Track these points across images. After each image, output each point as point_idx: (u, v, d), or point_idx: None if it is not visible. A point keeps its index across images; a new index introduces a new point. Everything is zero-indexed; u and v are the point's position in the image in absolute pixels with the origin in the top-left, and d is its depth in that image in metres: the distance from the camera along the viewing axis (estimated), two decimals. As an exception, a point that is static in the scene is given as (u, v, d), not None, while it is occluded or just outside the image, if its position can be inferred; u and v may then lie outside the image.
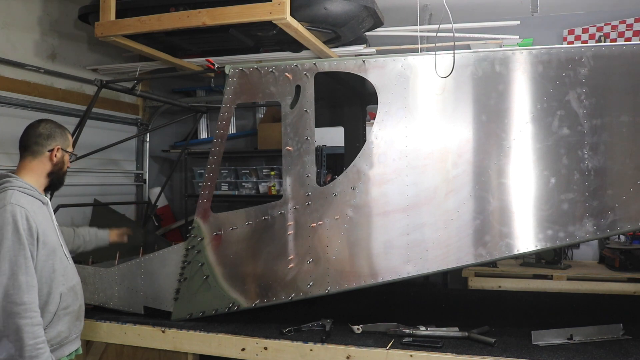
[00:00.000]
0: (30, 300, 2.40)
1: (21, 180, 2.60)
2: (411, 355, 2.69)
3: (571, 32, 4.98)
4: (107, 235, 3.42)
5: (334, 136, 4.81)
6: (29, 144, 2.68)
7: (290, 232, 3.02)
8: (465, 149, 2.82)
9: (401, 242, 2.86)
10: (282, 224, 3.03)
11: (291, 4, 3.54)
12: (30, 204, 2.53)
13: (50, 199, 2.79)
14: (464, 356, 2.63)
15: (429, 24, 4.77)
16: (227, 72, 3.14)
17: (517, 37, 4.46)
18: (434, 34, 3.47)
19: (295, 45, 4.30)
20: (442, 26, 3.12)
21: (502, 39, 4.44)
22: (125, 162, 5.93)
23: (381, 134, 2.92)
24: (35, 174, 2.67)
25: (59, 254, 2.63)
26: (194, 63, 4.84)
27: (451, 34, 2.96)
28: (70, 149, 2.80)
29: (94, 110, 4.09)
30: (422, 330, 2.92)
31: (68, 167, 2.81)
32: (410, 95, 2.90)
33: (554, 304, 3.77)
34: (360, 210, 2.93)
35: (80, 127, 3.76)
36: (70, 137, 2.82)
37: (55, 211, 2.79)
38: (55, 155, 2.70)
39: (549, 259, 4.66)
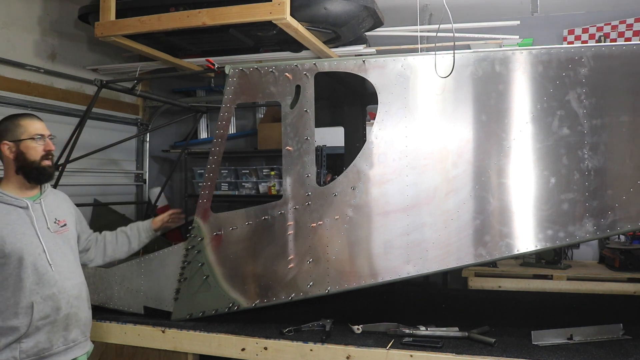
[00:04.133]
0: None
1: None
2: (411, 355, 2.69)
3: (571, 32, 4.98)
4: (149, 225, 3.24)
5: (334, 136, 4.81)
6: None
7: (290, 232, 3.02)
8: (465, 149, 2.82)
9: (401, 242, 2.86)
10: (282, 224, 3.03)
11: (291, 4, 3.54)
12: None
13: (42, 191, 2.68)
14: (464, 356, 2.63)
15: (429, 24, 4.77)
16: (227, 72, 3.14)
17: (517, 37, 4.47)
18: (434, 34, 3.47)
19: (295, 45, 4.30)
20: (442, 26, 3.11)
21: (502, 39, 4.44)
22: (125, 162, 5.93)
23: (381, 134, 2.92)
24: (6, 176, 2.58)
25: (31, 261, 2.49)
26: (194, 63, 4.84)
27: (451, 34, 2.96)
28: (26, 135, 2.56)
29: (94, 110, 4.09)
30: (422, 330, 2.91)
31: (49, 150, 2.63)
32: (410, 95, 2.90)
33: (554, 304, 3.77)
34: (360, 210, 2.93)
35: (80, 127, 3.76)
36: (25, 122, 2.60)
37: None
38: (11, 150, 2.55)
39: (549, 259, 4.66)
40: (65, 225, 2.73)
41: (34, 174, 2.60)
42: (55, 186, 3.43)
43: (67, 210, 2.84)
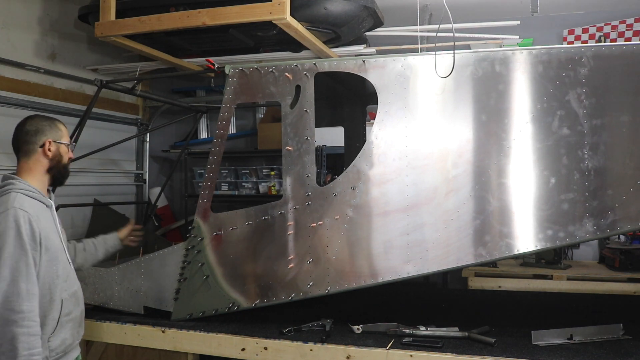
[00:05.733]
0: (30, 308, 2.31)
1: (25, 182, 2.51)
2: (411, 355, 2.69)
3: (571, 32, 4.98)
4: (116, 236, 3.23)
5: (334, 136, 4.81)
6: (19, 144, 2.59)
7: (290, 232, 3.02)
8: (465, 149, 2.83)
9: (401, 242, 2.86)
10: (282, 224, 3.03)
11: (291, 4, 3.54)
12: (34, 208, 2.45)
13: (53, 193, 2.73)
14: (464, 356, 2.63)
15: (429, 24, 4.77)
16: (227, 72, 3.15)
17: (517, 37, 4.46)
18: (434, 34, 3.46)
19: (295, 45, 4.29)
20: (442, 26, 3.11)
21: (502, 39, 4.44)
22: (125, 162, 5.93)
23: (381, 134, 2.92)
24: (36, 174, 2.59)
25: (62, 259, 2.56)
26: (194, 63, 4.84)
27: (451, 34, 2.96)
28: (65, 140, 2.67)
29: (94, 110, 4.09)
30: (422, 330, 2.92)
31: (71, 158, 2.73)
32: (410, 95, 2.90)
33: (554, 304, 3.77)
34: (360, 210, 2.93)
35: (80, 127, 3.76)
36: (62, 127, 2.70)
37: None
38: (49, 150, 2.58)
39: (549, 259, 4.66)
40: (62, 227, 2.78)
41: (61, 177, 2.70)
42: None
43: None
